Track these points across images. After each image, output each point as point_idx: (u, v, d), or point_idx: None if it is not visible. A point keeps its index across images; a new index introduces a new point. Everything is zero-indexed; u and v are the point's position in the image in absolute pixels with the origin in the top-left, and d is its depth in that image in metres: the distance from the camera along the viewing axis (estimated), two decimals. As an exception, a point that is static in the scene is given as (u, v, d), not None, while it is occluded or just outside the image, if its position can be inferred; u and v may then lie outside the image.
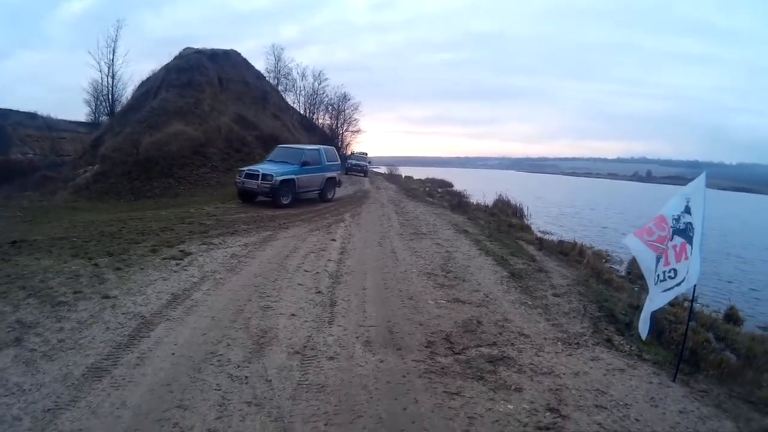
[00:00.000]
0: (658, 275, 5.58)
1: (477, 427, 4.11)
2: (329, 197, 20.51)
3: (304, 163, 18.84)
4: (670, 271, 5.46)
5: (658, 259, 5.65)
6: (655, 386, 5.21)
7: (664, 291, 5.50)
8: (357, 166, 43.04)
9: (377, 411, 4.25)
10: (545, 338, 6.35)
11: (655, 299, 5.63)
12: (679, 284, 5.37)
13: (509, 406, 4.49)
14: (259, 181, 17.53)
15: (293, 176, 18.24)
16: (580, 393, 4.88)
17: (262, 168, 18.11)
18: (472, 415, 4.29)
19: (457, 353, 5.62)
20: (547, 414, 4.41)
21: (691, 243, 5.33)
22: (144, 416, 3.91)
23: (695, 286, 5.45)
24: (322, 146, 21.53)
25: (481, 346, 5.86)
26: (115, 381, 4.45)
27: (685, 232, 5.44)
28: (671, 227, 5.59)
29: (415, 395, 4.57)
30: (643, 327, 5.75)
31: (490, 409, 4.42)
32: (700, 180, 5.58)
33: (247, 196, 18.24)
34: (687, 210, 5.47)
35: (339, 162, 21.07)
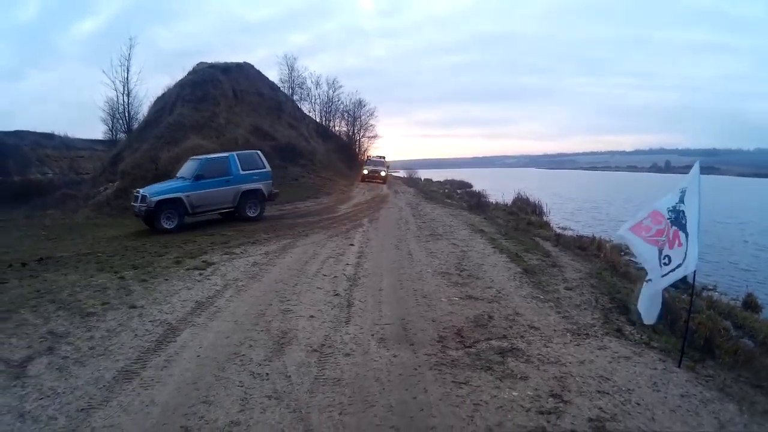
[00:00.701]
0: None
1: (481, 413, 4.30)
2: (251, 215, 16.80)
3: (198, 177, 15.75)
4: (664, 258, 5.55)
5: (660, 252, 5.71)
6: (659, 372, 5.30)
7: (662, 276, 5.57)
8: (374, 173, 39.61)
9: (389, 400, 4.47)
10: (555, 330, 6.48)
11: (656, 284, 5.70)
12: (674, 270, 5.41)
13: (514, 393, 4.67)
14: (138, 203, 15.09)
15: (180, 194, 15.38)
16: (583, 380, 5.02)
17: (145, 188, 15.59)
18: (478, 402, 4.49)
19: (468, 346, 5.81)
20: (550, 399, 4.57)
21: (684, 230, 5.41)
22: (172, 411, 4.19)
23: (695, 272, 5.56)
24: (237, 152, 17.83)
25: (491, 340, 6.04)
26: (144, 382, 4.75)
27: (677, 220, 5.54)
28: (668, 219, 5.69)
29: (425, 386, 4.78)
30: (649, 314, 5.90)
31: (495, 396, 4.60)
32: (695, 169, 5.71)
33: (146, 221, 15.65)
34: (680, 199, 5.59)
35: (266, 170, 17.36)
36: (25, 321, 6.43)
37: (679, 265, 5.40)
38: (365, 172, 40.13)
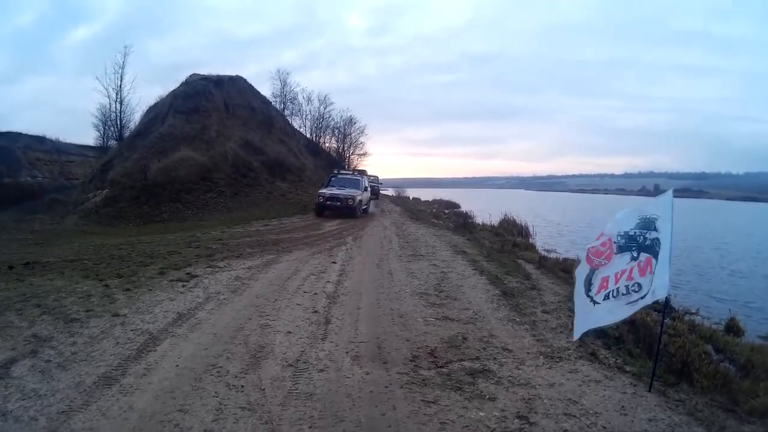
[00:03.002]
0: (618, 288, 5.70)
1: (447, 431, 4.44)
2: None
3: None
4: (633, 285, 5.57)
5: (591, 272, 5.97)
6: (628, 396, 5.35)
7: (629, 303, 5.58)
8: (336, 200, 23.52)
9: (358, 416, 4.58)
10: (528, 352, 6.54)
11: (620, 311, 5.69)
12: (643, 297, 5.45)
13: (480, 414, 4.76)
14: None
15: None
16: (551, 402, 5.08)
17: None
18: (445, 420, 4.59)
19: (440, 366, 5.89)
20: (516, 421, 4.65)
21: (657, 258, 5.50)
22: (149, 418, 4.32)
23: (667, 298, 5.67)
24: None
25: (463, 360, 6.12)
26: (124, 388, 4.88)
27: (651, 247, 5.59)
28: (615, 243, 5.92)
29: (394, 403, 4.88)
30: (579, 330, 6.17)
31: (462, 416, 4.70)
32: (667, 196, 5.80)
33: None
34: (653, 227, 5.66)
35: None
36: (10, 323, 6.56)
37: (647, 293, 5.46)
38: (320, 198, 23.83)
